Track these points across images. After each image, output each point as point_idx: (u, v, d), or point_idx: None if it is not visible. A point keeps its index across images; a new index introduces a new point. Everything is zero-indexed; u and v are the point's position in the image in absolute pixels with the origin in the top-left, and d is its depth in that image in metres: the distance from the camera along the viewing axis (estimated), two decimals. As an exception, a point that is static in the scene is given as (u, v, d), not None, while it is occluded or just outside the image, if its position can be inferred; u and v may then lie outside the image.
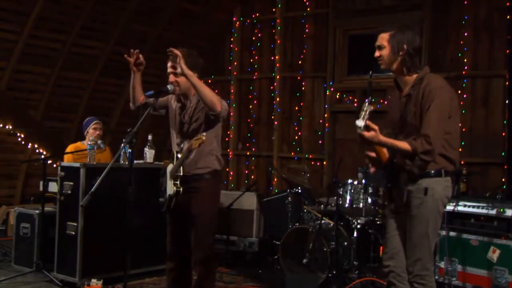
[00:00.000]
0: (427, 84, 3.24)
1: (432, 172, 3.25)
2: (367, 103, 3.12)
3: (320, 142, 7.89)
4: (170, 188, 3.89)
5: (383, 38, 3.37)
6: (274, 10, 8.35)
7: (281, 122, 8.24)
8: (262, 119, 8.52)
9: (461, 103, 6.64)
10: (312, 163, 7.80)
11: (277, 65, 8.27)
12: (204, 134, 3.73)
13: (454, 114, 3.28)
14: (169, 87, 3.88)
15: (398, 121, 3.38)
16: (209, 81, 8.86)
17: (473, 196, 5.59)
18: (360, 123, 3.13)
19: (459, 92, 6.64)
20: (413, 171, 3.26)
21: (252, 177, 8.49)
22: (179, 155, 3.90)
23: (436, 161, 3.24)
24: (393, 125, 3.44)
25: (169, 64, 3.95)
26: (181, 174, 3.86)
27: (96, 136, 5.80)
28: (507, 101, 6.33)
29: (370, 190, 5.63)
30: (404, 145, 3.19)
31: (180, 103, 4.03)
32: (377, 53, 3.40)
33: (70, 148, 6.05)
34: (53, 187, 5.83)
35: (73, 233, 5.13)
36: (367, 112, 3.11)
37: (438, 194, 3.25)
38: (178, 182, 3.85)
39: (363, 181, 5.71)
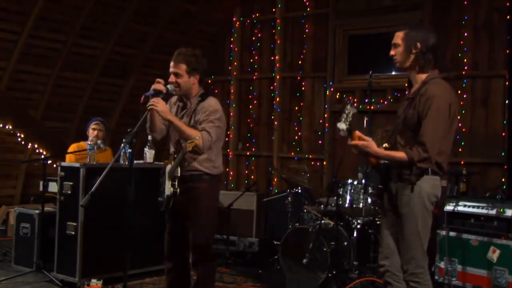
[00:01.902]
0: (426, 90, 3.27)
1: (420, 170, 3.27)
2: (349, 105, 3.17)
3: (320, 142, 7.89)
4: (168, 188, 3.89)
5: (398, 37, 3.40)
6: (274, 10, 8.35)
7: (281, 122, 8.24)
8: (262, 119, 8.52)
9: (461, 103, 6.64)
10: (312, 163, 7.80)
11: (277, 65, 8.27)
12: (197, 137, 3.71)
13: (452, 120, 3.29)
14: (169, 87, 3.88)
15: (401, 121, 3.40)
16: (209, 81, 8.87)
17: (473, 196, 5.60)
18: (341, 125, 3.19)
19: (459, 92, 6.64)
20: (411, 180, 3.28)
21: (252, 177, 8.49)
22: (177, 156, 3.90)
23: None
24: (396, 124, 3.46)
25: (171, 63, 3.94)
26: (179, 175, 3.85)
27: (96, 137, 5.79)
28: (507, 101, 6.33)
29: (370, 190, 5.63)
30: (400, 155, 3.23)
31: (181, 103, 4.03)
32: (392, 52, 3.43)
33: (72, 147, 6.05)
34: (53, 187, 5.83)
35: (73, 233, 5.13)
36: (350, 115, 3.15)
37: (425, 192, 3.27)
38: (175, 183, 3.85)
39: (363, 181, 5.71)
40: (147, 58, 8.28)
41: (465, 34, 6.76)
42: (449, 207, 5.32)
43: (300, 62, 8.14)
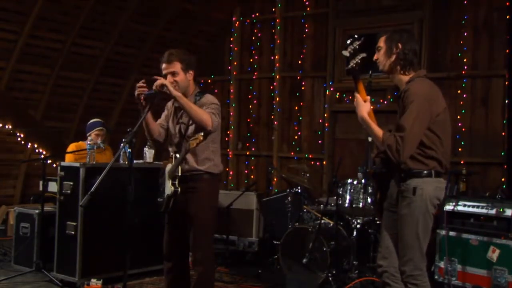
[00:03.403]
0: (407, 89, 3.29)
1: (424, 172, 3.27)
2: (358, 41, 3.19)
3: (320, 142, 7.88)
4: (168, 188, 3.89)
5: (381, 40, 3.47)
6: (273, 10, 8.34)
7: (281, 122, 8.24)
8: (262, 119, 8.52)
9: (461, 103, 6.65)
10: (312, 163, 7.80)
11: (277, 65, 8.26)
12: (202, 133, 3.72)
13: (441, 117, 3.29)
14: (169, 87, 3.87)
15: (397, 120, 3.42)
16: (209, 80, 8.87)
17: (473, 196, 5.59)
18: (345, 53, 3.22)
19: (459, 92, 6.65)
20: (375, 161, 3.32)
21: (252, 176, 8.49)
22: (177, 155, 3.90)
23: (426, 163, 3.26)
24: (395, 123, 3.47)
25: (164, 65, 3.94)
26: (179, 174, 3.86)
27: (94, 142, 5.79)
28: (507, 101, 6.32)
29: (370, 190, 5.63)
30: (378, 132, 3.24)
31: (178, 103, 4.03)
32: (375, 56, 3.49)
33: (71, 147, 6.04)
34: (53, 187, 5.83)
35: (73, 233, 5.13)
36: (359, 56, 3.20)
37: (427, 194, 3.26)
38: (176, 182, 3.85)
39: (363, 181, 5.71)
40: (147, 58, 8.28)
41: (465, 34, 6.76)
42: (449, 207, 5.33)
43: (300, 62, 8.14)
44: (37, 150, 7.81)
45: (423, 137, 3.24)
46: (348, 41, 3.31)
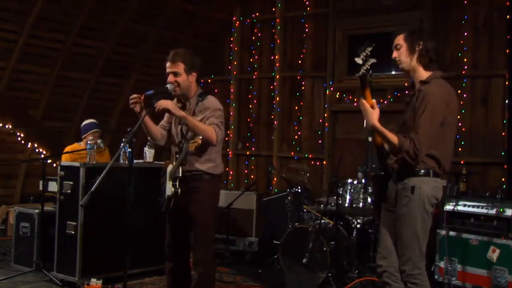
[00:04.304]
0: (422, 89, 3.29)
1: (422, 171, 3.28)
2: (370, 49, 3.17)
3: (320, 141, 7.88)
4: (169, 188, 3.89)
5: (399, 38, 3.43)
6: (274, 10, 8.34)
7: (281, 122, 8.24)
8: (262, 119, 8.52)
9: (461, 103, 6.64)
10: (312, 162, 7.80)
11: (277, 64, 8.26)
12: (201, 137, 3.73)
13: (450, 119, 3.29)
14: (169, 86, 3.88)
15: (403, 120, 3.42)
16: (209, 80, 8.87)
17: (473, 196, 5.59)
18: (358, 60, 3.22)
19: (459, 92, 6.64)
20: (393, 167, 3.30)
21: (252, 176, 8.49)
22: (178, 156, 3.90)
23: (425, 161, 3.26)
24: (400, 123, 3.47)
25: (168, 64, 3.94)
26: (180, 175, 3.86)
27: (95, 143, 5.80)
28: (507, 101, 6.33)
29: (370, 190, 5.63)
30: (393, 138, 3.23)
31: (180, 103, 4.03)
32: (394, 54, 3.45)
33: (67, 150, 6.06)
34: (53, 186, 5.83)
35: (73, 232, 5.13)
36: (369, 61, 3.19)
37: (425, 193, 3.27)
38: (177, 183, 3.86)
39: (363, 180, 5.71)
40: (147, 58, 8.28)
41: (465, 34, 6.76)
42: (449, 207, 5.33)
43: (300, 61, 8.14)
44: (37, 150, 7.81)
45: None
46: (360, 48, 3.30)
